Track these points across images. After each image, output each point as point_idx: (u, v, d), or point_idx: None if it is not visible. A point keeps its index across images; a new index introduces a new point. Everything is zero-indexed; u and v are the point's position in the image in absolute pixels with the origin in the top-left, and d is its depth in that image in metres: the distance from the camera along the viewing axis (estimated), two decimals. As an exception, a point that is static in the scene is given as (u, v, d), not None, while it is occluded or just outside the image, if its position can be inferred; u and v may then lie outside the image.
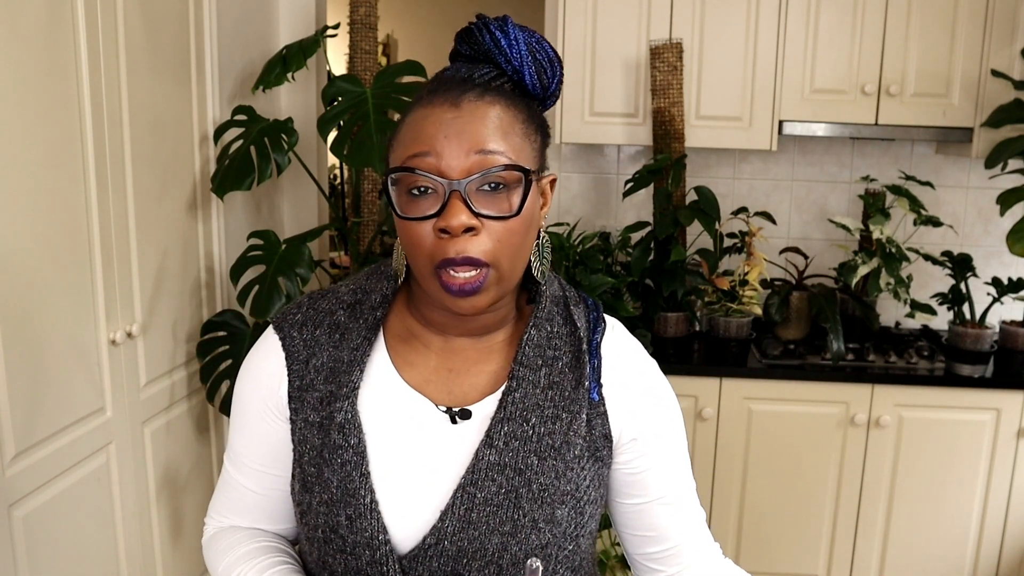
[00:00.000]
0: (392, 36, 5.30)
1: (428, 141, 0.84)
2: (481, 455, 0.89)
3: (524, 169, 0.84)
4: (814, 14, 2.55)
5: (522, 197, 0.85)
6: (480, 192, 0.84)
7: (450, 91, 0.86)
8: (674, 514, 0.98)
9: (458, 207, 0.82)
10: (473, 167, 0.83)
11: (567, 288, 1.00)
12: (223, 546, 0.99)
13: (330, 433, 0.90)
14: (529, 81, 0.90)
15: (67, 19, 1.72)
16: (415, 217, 0.84)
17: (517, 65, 0.89)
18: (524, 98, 0.90)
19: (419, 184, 0.84)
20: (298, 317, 0.96)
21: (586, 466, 0.92)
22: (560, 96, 0.96)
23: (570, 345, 0.94)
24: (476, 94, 0.86)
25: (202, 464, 2.38)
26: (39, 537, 1.69)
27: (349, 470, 0.89)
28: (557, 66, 0.92)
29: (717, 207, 2.58)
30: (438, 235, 0.83)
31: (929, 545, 2.58)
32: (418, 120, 0.86)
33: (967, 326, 2.65)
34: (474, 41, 0.90)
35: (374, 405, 0.92)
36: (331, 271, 3.02)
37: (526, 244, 0.88)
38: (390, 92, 2.25)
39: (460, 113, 0.84)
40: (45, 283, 1.69)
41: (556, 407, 0.91)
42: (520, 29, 0.90)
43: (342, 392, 0.91)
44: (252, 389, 0.96)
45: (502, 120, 0.85)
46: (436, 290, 0.86)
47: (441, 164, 0.83)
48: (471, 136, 0.83)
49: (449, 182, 0.82)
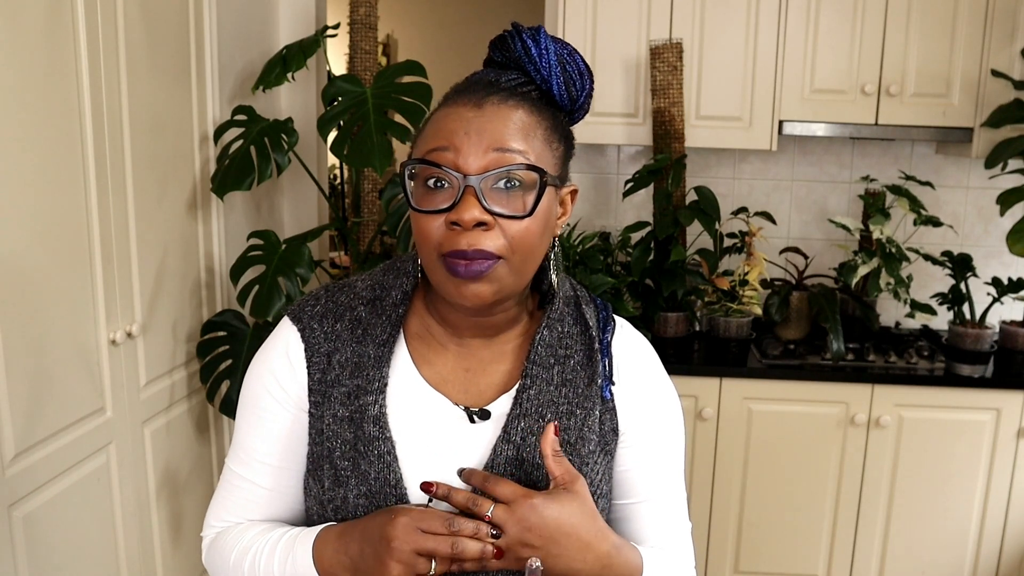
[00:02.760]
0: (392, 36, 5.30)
1: (448, 136, 0.85)
2: (499, 450, 0.90)
3: (540, 170, 0.85)
4: (814, 14, 2.55)
5: (536, 198, 0.85)
6: (495, 190, 0.84)
7: (476, 92, 0.88)
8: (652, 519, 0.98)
9: (471, 202, 0.83)
10: (490, 164, 0.84)
11: (578, 288, 1.01)
12: (230, 539, 0.96)
13: (363, 426, 0.90)
14: (557, 91, 0.91)
15: (67, 19, 1.72)
16: (428, 210, 0.85)
17: (545, 74, 0.90)
18: (550, 107, 0.91)
19: (435, 177, 0.85)
20: (317, 309, 0.96)
21: (599, 460, 0.94)
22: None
23: (582, 344, 0.96)
24: (500, 97, 0.87)
25: (202, 464, 2.38)
26: (39, 537, 1.69)
27: (389, 461, 0.90)
28: (587, 79, 0.93)
29: (717, 207, 2.58)
30: (449, 227, 0.84)
31: (929, 545, 2.58)
32: (441, 117, 0.88)
33: (967, 326, 2.65)
34: (506, 48, 0.91)
35: (398, 401, 0.93)
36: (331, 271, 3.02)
37: (539, 248, 0.88)
38: (390, 92, 2.25)
39: (482, 112, 0.85)
40: (45, 283, 1.69)
41: (570, 404, 0.92)
42: (553, 40, 0.91)
43: (372, 387, 0.91)
44: (269, 380, 0.95)
45: (524, 123, 0.86)
46: (442, 277, 0.86)
47: (459, 160, 0.84)
48: (491, 134, 0.84)
49: (464, 176, 0.83)
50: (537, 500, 0.83)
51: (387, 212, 2.40)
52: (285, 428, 0.95)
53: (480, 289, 0.86)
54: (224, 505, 0.99)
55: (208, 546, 1.00)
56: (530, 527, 0.83)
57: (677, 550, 0.99)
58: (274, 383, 0.95)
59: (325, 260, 3.00)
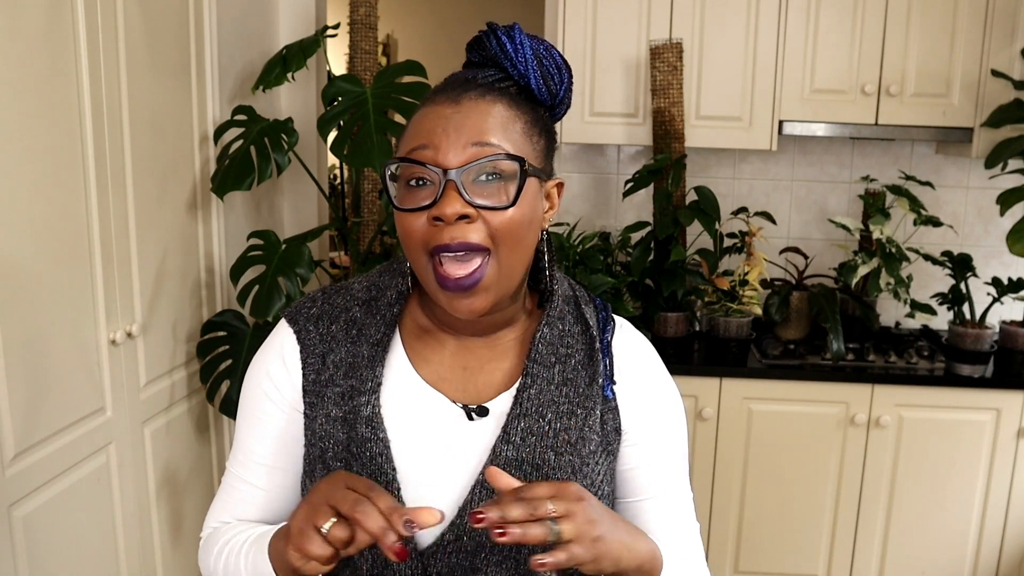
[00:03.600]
0: (392, 36, 5.30)
1: (427, 135, 0.85)
2: (498, 451, 0.89)
3: (520, 159, 0.85)
4: (814, 14, 2.55)
5: (518, 188, 0.85)
6: (477, 183, 0.84)
7: (453, 90, 0.88)
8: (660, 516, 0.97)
9: (452, 196, 0.83)
10: (469, 158, 0.84)
11: (577, 287, 1.01)
12: (218, 538, 0.97)
13: (356, 427, 0.90)
14: (535, 85, 0.91)
15: (67, 19, 1.72)
16: (410, 208, 0.85)
17: (522, 69, 0.90)
18: (530, 103, 0.91)
19: (416, 175, 0.85)
20: (313, 311, 0.97)
21: (600, 460, 0.93)
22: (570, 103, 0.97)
23: (583, 343, 0.95)
24: (478, 93, 0.87)
25: (202, 464, 2.38)
26: (39, 537, 1.69)
27: (381, 463, 0.89)
28: (565, 73, 0.93)
29: (717, 207, 2.58)
30: (432, 223, 0.84)
31: (929, 545, 2.58)
32: (420, 118, 0.88)
33: (967, 326, 2.65)
34: (482, 47, 0.92)
35: (394, 401, 0.93)
36: (331, 271, 3.02)
37: (525, 240, 0.88)
38: (390, 92, 2.25)
39: (460, 109, 0.86)
40: (45, 283, 1.69)
41: (571, 403, 0.92)
42: (529, 36, 0.91)
43: (366, 387, 0.91)
44: (264, 381, 0.96)
45: (503, 117, 0.86)
46: (434, 287, 0.86)
47: (438, 156, 0.84)
48: (469, 129, 0.84)
49: (443, 171, 0.83)
50: (574, 487, 0.78)
51: (387, 212, 2.40)
52: (280, 429, 0.95)
53: (473, 304, 0.86)
54: (222, 506, 1.00)
55: (201, 546, 1.01)
56: (590, 513, 0.77)
57: (688, 549, 0.97)
58: (270, 384, 0.96)
59: (325, 260, 3.00)
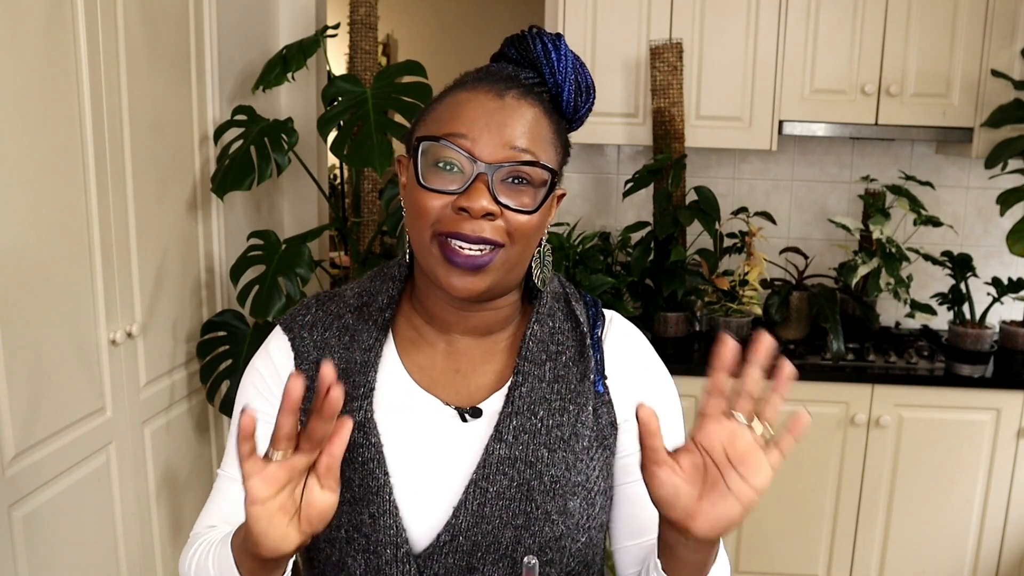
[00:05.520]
0: (392, 36, 5.30)
1: (468, 124, 0.86)
2: (491, 449, 0.90)
3: (552, 170, 0.87)
4: (814, 14, 2.55)
5: (543, 197, 0.87)
6: (504, 184, 0.86)
7: (496, 83, 0.89)
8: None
9: (482, 190, 0.84)
10: (505, 159, 0.85)
11: (566, 285, 1.02)
12: (200, 539, 0.94)
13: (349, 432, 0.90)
14: (566, 98, 0.92)
15: (67, 19, 1.72)
16: (436, 188, 0.85)
17: (560, 79, 0.91)
18: (557, 112, 0.93)
19: (448, 159, 0.85)
20: (308, 319, 0.97)
21: (595, 456, 0.93)
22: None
23: (574, 340, 0.96)
24: (520, 92, 0.89)
25: (202, 464, 2.38)
26: (39, 537, 1.69)
27: (372, 468, 0.90)
28: (592, 94, 0.95)
29: (717, 207, 2.58)
30: (456, 212, 0.84)
31: (929, 545, 2.58)
32: (461, 102, 0.88)
33: (967, 326, 2.65)
34: (524, 48, 0.92)
35: (387, 406, 0.93)
36: (331, 271, 3.02)
37: (531, 245, 0.90)
38: (390, 92, 2.25)
39: (503, 105, 0.87)
40: (45, 283, 1.69)
41: (563, 400, 0.92)
42: (571, 50, 0.93)
43: (358, 392, 0.92)
44: (259, 384, 0.96)
45: (539, 124, 0.88)
46: (435, 260, 0.86)
47: (475, 148, 0.85)
48: (510, 130, 0.86)
49: (480, 164, 0.84)
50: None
51: (387, 212, 2.40)
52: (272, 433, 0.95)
53: (475, 283, 0.86)
54: (211, 510, 0.98)
55: (183, 549, 0.98)
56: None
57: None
58: (264, 387, 0.96)
59: (325, 260, 3.00)
